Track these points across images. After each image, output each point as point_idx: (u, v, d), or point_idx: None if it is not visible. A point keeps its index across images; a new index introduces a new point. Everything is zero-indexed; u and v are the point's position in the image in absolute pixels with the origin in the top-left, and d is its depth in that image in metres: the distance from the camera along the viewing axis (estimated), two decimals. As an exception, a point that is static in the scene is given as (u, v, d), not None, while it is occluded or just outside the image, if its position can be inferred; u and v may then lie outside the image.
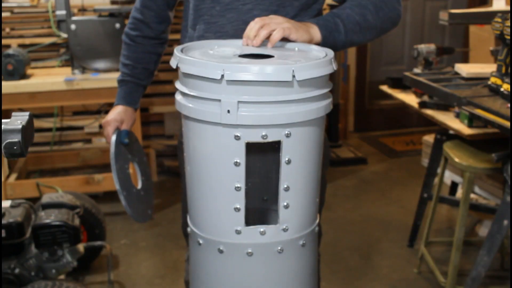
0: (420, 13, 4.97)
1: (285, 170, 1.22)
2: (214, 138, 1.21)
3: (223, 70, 1.14)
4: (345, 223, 3.36)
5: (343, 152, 4.39)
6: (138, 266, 2.93)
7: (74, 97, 3.17)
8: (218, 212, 1.27)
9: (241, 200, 1.23)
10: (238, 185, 1.22)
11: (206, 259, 1.32)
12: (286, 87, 1.16)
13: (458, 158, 2.42)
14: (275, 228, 1.26)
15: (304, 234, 1.30)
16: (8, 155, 0.91)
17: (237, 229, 1.25)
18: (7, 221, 2.19)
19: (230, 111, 1.15)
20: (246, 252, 1.26)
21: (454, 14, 3.00)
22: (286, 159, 1.21)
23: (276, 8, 1.48)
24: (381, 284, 2.75)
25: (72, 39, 3.12)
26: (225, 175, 1.22)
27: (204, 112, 1.19)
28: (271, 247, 1.27)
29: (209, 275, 1.34)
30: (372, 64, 4.98)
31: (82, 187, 3.28)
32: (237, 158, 1.20)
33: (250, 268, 1.28)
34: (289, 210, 1.25)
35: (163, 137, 4.06)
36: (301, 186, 1.26)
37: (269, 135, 1.18)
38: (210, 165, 1.24)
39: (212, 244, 1.29)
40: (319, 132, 1.27)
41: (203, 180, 1.27)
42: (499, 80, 2.27)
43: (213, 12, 1.51)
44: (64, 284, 2.06)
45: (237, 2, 1.49)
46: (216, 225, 1.28)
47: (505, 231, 2.15)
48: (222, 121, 1.17)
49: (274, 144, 1.23)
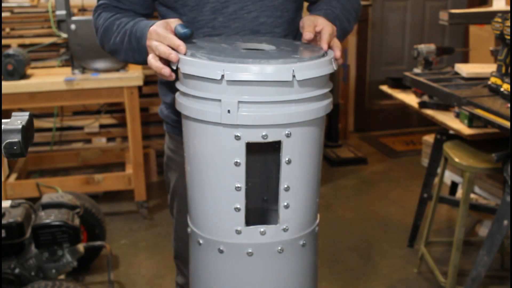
0: (420, 13, 4.97)
1: (286, 170, 1.22)
2: (214, 138, 1.21)
3: (223, 70, 1.14)
4: (345, 223, 3.36)
5: (343, 152, 4.39)
6: (138, 266, 2.93)
7: (74, 97, 3.17)
8: (218, 212, 1.27)
9: (241, 200, 1.23)
10: (238, 185, 1.22)
11: (206, 259, 1.32)
12: (286, 87, 1.16)
13: (458, 158, 2.42)
14: (275, 228, 1.26)
15: (304, 234, 1.30)
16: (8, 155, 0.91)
17: (237, 229, 1.25)
18: (7, 221, 2.19)
19: (230, 111, 1.15)
20: (246, 252, 1.26)
21: (454, 14, 3.00)
22: (287, 159, 1.21)
23: (280, 13, 1.47)
24: (381, 284, 2.75)
25: (72, 39, 3.12)
26: (225, 175, 1.22)
27: (204, 112, 1.19)
28: (271, 247, 1.27)
29: (209, 275, 1.33)
30: (372, 64, 4.98)
31: (82, 187, 3.28)
32: (238, 158, 1.20)
33: (250, 268, 1.28)
34: (289, 210, 1.25)
35: (163, 137, 4.03)
36: (301, 186, 1.26)
37: (269, 135, 1.18)
38: (210, 165, 1.24)
39: (212, 244, 1.29)
40: (319, 132, 1.27)
41: (203, 180, 1.27)
42: (499, 80, 2.27)
43: (215, 24, 1.44)
44: (64, 284, 2.06)
45: (241, 11, 1.43)
46: (216, 225, 1.28)
47: (505, 231, 2.15)
48: (222, 121, 1.17)
49: (274, 144, 1.23)
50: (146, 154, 3.69)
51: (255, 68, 1.14)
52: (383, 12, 4.90)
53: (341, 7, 1.50)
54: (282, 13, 1.47)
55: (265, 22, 1.44)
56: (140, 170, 3.33)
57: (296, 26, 1.51)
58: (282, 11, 1.47)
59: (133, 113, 3.23)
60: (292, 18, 1.49)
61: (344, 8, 1.51)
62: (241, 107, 1.16)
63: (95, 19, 1.50)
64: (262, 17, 1.45)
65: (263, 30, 1.46)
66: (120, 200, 3.63)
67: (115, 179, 3.35)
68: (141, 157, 3.32)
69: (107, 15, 1.47)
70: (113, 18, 1.45)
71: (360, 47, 4.83)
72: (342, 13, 1.50)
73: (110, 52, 1.49)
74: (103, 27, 1.46)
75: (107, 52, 1.51)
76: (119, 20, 1.43)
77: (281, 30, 1.47)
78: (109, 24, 1.45)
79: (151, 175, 3.93)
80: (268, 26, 1.46)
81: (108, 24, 1.45)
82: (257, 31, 1.45)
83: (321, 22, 1.34)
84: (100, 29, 1.48)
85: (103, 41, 1.49)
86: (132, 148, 3.29)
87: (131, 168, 3.35)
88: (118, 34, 1.42)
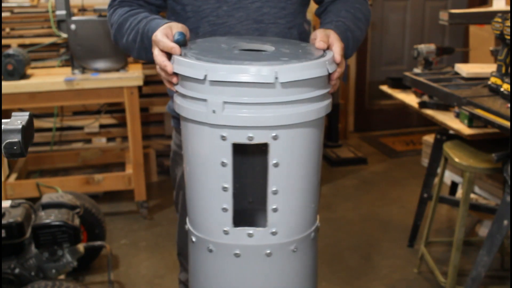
0: (420, 13, 4.97)
1: (273, 174, 1.20)
2: (202, 137, 1.21)
3: (206, 70, 1.14)
4: (345, 223, 3.36)
5: (343, 152, 4.39)
6: (138, 266, 2.93)
7: (74, 97, 3.17)
8: (207, 212, 1.27)
9: (228, 200, 1.22)
10: (226, 186, 1.21)
11: (198, 257, 1.33)
12: (269, 88, 1.13)
13: (458, 158, 2.42)
14: (263, 231, 1.24)
15: (296, 239, 1.27)
16: (8, 155, 0.91)
17: (225, 230, 1.24)
18: (7, 221, 2.19)
19: (215, 111, 1.15)
20: (233, 253, 1.25)
21: (454, 14, 3.00)
22: (274, 162, 1.19)
23: (284, 4, 1.48)
24: (381, 284, 2.75)
25: (72, 39, 3.12)
26: (212, 175, 1.22)
27: (193, 111, 1.20)
28: (259, 250, 1.25)
29: (200, 273, 1.35)
30: (372, 64, 4.98)
31: (82, 187, 3.28)
32: (224, 158, 1.19)
33: (237, 269, 1.27)
34: (278, 214, 1.23)
35: (163, 137, 4.05)
36: (291, 190, 1.23)
37: (255, 137, 1.16)
38: (199, 164, 1.24)
39: (202, 242, 1.30)
40: (313, 135, 1.23)
41: (194, 179, 1.27)
42: (499, 80, 2.27)
43: (219, 13, 1.46)
44: (64, 284, 2.06)
45: (245, 1, 1.46)
46: (206, 224, 1.28)
47: (505, 231, 2.15)
48: (208, 121, 1.17)
49: (261, 146, 1.20)
50: (146, 154, 3.69)
51: (236, 69, 1.13)
52: (383, 12, 4.90)
53: (351, 17, 1.47)
54: (286, 5, 1.48)
55: (268, 12, 1.46)
56: (140, 170, 3.33)
57: (302, 20, 1.53)
58: (286, 3, 1.48)
59: (133, 113, 3.23)
60: (297, 11, 1.51)
61: (355, 17, 1.48)
62: (227, 108, 1.15)
63: (110, 16, 1.52)
64: (265, 7, 1.47)
65: (266, 21, 1.47)
66: (120, 200, 3.63)
67: (115, 179, 3.35)
68: (141, 157, 3.32)
69: (122, 11, 1.48)
70: (127, 15, 1.46)
71: (360, 47, 4.82)
72: (354, 23, 1.47)
73: (124, 49, 1.51)
74: (117, 24, 1.47)
75: (121, 49, 1.53)
76: (132, 17, 1.45)
77: (284, 21, 1.49)
78: (123, 20, 1.46)
79: (151, 175, 3.93)
80: (272, 17, 1.47)
81: (122, 21, 1.46)
82: (260, 21, 1.47)
83: (333, 38, 1.33)
84: (114, 25, 1.49)
85: (116, 37, 1.50)
86: (132, 148, 3.29)
87: (131, 168, 3.35)
88: (131, 32, 1.43)
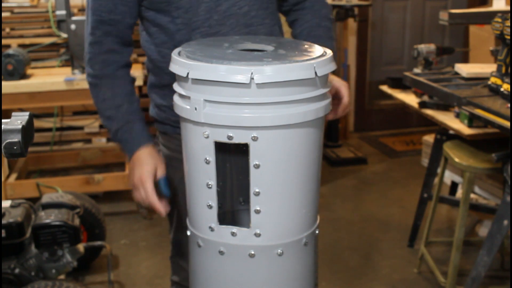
0: (420, 13, 4.97)
1: (254, 175, 1.19)
2: (189, 133, 1.24)
3: (189, 68, 1.16)
4: (345, 223, 3.36)
5: (343, 152, 4.39)
6: (138, 266, 2.93)
7: (74, 97, 3.16)
8: (195, 207, 1.29)
9: (213, 197, 1.24)
10: (210, 183, 1.23)
11: (191, 251, 1.36)
12: (246, 89, 1.13)
13: (458, 158, 2.42)
14: (246, 231, 1.24)
15: (282, 243, 1.26)
16: (8, 155, 0.91)
17: (211, 226, 1.26)
18: (7, 221, 2.20)
19: (197, 108, 1.17)
20: (218, 250, 1.27)
21: (454, 14, 3.00)
22: (255, 163, 1.18)
23: (267, 5, 1.55)
24: (381, 284, 2.75)
25: (72, 39, 3.12)
26: (199, 171, 1.24)
27: (181, 107, 1.22)
28: (241, 250, 1.25)
29: (191, 266, 1.38)
30: (372, 64, 4.98)
31: (82, 187, 3.28)
32: (208, 156, 1.21)
33: (221, 266, 1.29)
34: (261, 216, 1.22)
35: (163, 137, 4.05)
36: (273, 193, 1.22)
37: (234, 137, 1.17)
38: (188, 160, 1.27)
39: (193, 237, 1.32)
40: (296, 138, 1.20)
41: (187, 174, 1.30)
42: (499, 80, 2.27)
43: (211, 23, 1.47)
44: (64, 284, 2.06)
45: (234, 7, 1.49)
46: (195, 219, 1.31)
47: (505, 231, 2.15)
48: (192, 118, 1.19)
49: (242, 147, 1.20)
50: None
51: (215, 68, 1.14)
52: (383, 12, 4.90)
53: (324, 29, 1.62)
54: (268, 5, 1.55)
55: (256, 15, 1.52)
56: (140, 170, 3.32)
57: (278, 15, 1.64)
58: (268, 3, 1.55)
59: (133, 113, 3.22)
60: (275, 8, 1.61)
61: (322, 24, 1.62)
62: (208, 106, 1.16)
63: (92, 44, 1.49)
64: (253, 11, 1.51)
65: (256, 23, 1.52)
66: (120, 200, 3.62)
67: (115, 179, 3.35)
68: (141, 157, 3.31)
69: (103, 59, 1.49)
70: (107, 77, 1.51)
71: (360, 47, 4.83)
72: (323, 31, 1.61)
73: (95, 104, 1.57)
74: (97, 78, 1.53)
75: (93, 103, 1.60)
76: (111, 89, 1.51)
77: (269, 20, 1.56)
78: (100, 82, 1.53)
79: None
80: (260, 19, 1.53)
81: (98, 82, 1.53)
82: (250, 25, 1.51)
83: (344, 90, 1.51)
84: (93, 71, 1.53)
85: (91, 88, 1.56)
86: (132, 148, 3.29)
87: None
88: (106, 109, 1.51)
